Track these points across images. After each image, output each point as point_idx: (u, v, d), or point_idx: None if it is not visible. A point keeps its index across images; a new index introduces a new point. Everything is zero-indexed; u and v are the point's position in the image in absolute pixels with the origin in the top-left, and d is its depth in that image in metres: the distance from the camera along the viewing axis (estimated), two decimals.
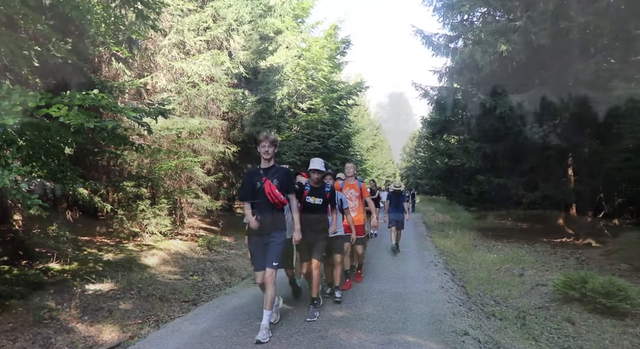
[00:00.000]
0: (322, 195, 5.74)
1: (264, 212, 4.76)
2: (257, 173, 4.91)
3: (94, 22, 6.21)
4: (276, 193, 4.72)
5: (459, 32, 16.03)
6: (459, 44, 16.62)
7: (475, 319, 5.82)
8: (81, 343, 4.90)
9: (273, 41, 14.76)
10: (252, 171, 5.18)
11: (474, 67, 14.58)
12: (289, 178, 5.06)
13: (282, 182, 4.84)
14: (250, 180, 4.94)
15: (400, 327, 5.16)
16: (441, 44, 16.64)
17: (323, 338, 4.71)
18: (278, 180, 4.82)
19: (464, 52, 14.62)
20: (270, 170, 4.90)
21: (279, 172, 4.91)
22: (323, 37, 23.58)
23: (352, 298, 6.50)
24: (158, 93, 10.59)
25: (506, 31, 13.35)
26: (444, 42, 16.62)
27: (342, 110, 23.28)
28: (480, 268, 10.15)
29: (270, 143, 4.88)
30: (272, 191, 4.71)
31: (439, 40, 16.71)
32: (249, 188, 4.89)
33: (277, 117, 15.47)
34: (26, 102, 3.96)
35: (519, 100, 13.06)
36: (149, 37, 10.15)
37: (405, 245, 12.33)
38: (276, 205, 4.79)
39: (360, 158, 31.65)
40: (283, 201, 4.80)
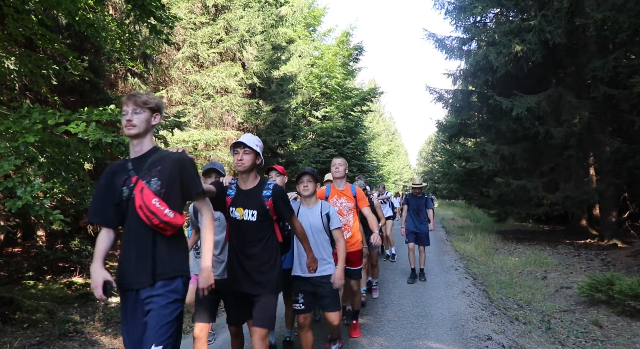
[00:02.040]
0: (256, 203, 3.19)
1: (134, 244, 2.45)
2: (123, 170, 2.53)
3: (109, 39, 6.31)
4: (153, 205, 2.38)
5: (472, 34, 15.92)
6: (472, 46, 16.51)
7: (499, 324, 5.72)
8: None
9: (285, 50, 14.85)
10: (114, 168, 2.59)
11: (489, 68, 14.46)
12: (187, 170, 2.56)
13: (170, 180, 2.48)
14: (108, 184, 2.53)
15: (422, 333, 5.10)
16: (454, 47, 16.56)
17: (344, 345, 4.67)
18: (160, 177, 2.46)
19: (478, 53, 14.50)
20: (147, 161, 2.51)
21: (163, 161, 2.51)
22: (335, 44, 23.70)
23: (373, 305, 6.44)
24: (174, 106, 10.72)
25: (520, 31, 13.23)
26: (457, 45, 16.55)
27: (357, 117, 23.29)
28: (502, 271, 10.00)
29: (140, 105, 2.48)
30: (145, 202, 2.39)
31: (452, 43, 16.64)
32: (108, 200, 2.52)
33: (292, 125, 15.52)
34: (46, 119, 4.05)
35: (536, 100, 12.90)
36: (163, 51, 10.30)
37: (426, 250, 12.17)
38: (158, 229, 2.43)
39: (377, 164, 31.58)
40: (171, 220, 2.40)
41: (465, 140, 21.77)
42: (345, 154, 21.78)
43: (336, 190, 4.95)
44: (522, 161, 14.47)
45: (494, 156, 14.61)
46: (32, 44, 6.78)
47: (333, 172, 4.92)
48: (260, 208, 3.16)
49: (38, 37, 5.82)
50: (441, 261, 10.73)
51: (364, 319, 5.72)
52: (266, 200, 3.16)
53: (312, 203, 3.99)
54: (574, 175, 14.33)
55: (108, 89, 9.30)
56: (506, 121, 14.25)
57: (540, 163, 14.71)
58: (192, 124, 10.53)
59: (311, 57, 20.12)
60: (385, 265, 9.91)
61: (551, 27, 12.46)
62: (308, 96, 20.88)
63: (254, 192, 3.21)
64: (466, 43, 16.51)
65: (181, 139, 9.40)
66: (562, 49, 13.36)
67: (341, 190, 4.94)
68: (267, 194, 3.18)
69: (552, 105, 13.20)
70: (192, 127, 10.46)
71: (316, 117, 21.63)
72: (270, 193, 3.19)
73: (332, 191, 4.93)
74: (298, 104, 18.07)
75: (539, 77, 14.87)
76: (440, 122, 21.10)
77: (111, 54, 7.36)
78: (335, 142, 21.04)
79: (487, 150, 14.81)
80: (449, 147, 25.07)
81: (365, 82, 43.09)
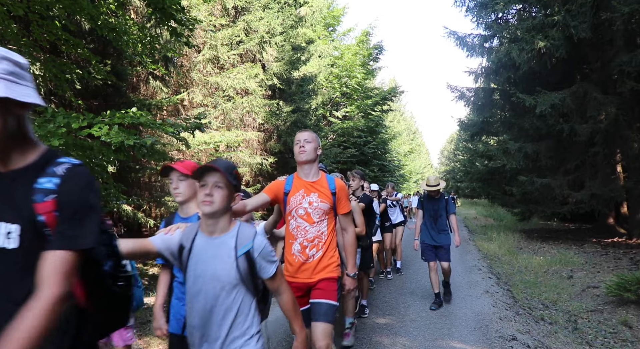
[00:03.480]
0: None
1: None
2: None
3: (130, 43, 6.40)
4: None
5: (493, 31, 15.71)
6: (494, 43, 16.29)
7: (523, 324, 5.62)
8: None
9: (305, 51, 14.86)
10: None
11: (511, 65, 14.23)
12: None
13: None
14: None
15: (445, 333, 5.05)
16: (476, 44, 16.36)
17: (367, 345, 4.65)
18: None
19: (500, 51, 14.30)
20: None
21: None
22: (355, 44, 23.65)
23: (395, 305, 6.40)
24: (195, 108, 10.83)
25: (543, 27, 12.98)
26: (478, 42, 16.33)
27: (378, 116, 23.20)
28: (527, 271, 9.83)
29: None
30: None
31: (474, 40, 16.43)
32: None
33: (313, 126, 15.53)
34: (70, 123, 4.13)
35: (560, 97, 12.65)
36: (184, 54, 10.41)
37: None
38: None
39: (398, 164, 31.40)
40: None
41: (487, 138, 21.50)
42: (366, 154, 21.74)
43: (302, 181, 3.17)
44: (546, 159, 14.22)
45: (517, 154, 14.38)
46: (57, 49, 6.93)
47: (297, 152, 3.17)
48: None
49: (62, 43, 5.93)
50: (464, 260, 10.61)
51: (386, 319, 5.69)
52: None
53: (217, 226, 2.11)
54: (600, 173, 14.00)
55: (130, 92, 9.44)
56: (529, 118, 14.01)
57: (564, 161, 14.41)
58: (213, 126, 10.62)
59: (331, 57, 20.12)
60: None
61: (576, 22, 12.20)
62: (328, 96, 20.88)
63: None
64: (488, 40, 16.29)
65: (202, 141, 9.49)
66: (587, 44, 13.07)
67: (311, 181, 3.16)
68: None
69: (577, 101, 12.92)
70: (213, 129, 10.55)
71: (337, 117, 21.62)
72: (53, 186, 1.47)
73: (295, 184, 3.16)
74: (318, 104, 18.07)
75: (563, 73, 14.58)
76: (462, 120, 20.90)
77: (133, 57, 7.48)
78: (356, 142, 20.99)
79: (510, 148, 14.60)
80: (471, 146, 24.79)
81: (386, 82, 42.90)
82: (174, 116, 10.25)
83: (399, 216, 9.25)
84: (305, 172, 3.15)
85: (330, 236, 3.14)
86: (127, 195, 7.29)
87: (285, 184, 3.17)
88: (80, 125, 4.15)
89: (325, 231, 3.10)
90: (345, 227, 3.25)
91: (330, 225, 3.14)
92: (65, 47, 6.06)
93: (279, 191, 3.14)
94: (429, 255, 6.39)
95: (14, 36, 5.34)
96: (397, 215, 9.22)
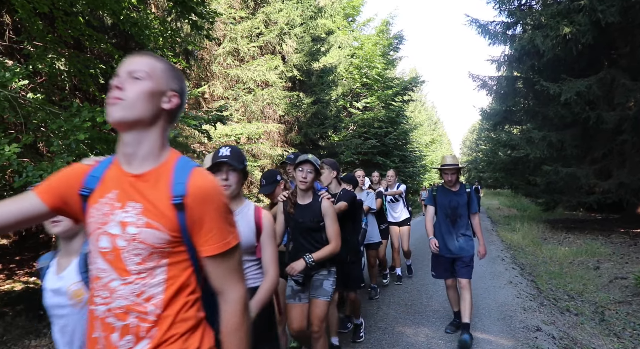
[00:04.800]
0: None
1: None
2: None
3: (152, 37, 6.47)
4: None
5: (516, 17, 15.38)
6: (517, 30, 15.96)
7: (548, 315, 5.55)
8: None
9: (325, 42, 14.81)
10: None
11: (535, 53, 13.94)
12: None
13: None
14: None
15: None
16: (498, 32, 16.05)
17: (390, 336, 4.66)
18: None
19: (523, 38, 14.00)
20: None
21: None
22: (375, 34, 23.49)
23: (418, 296, 6.38)
24: (216, 101, 10.91)
25: (569, 12, 12.66)
26: (501, 30, 16.03)
27: (399, 107, 23.05)
28: (551, 261, 9.69)
29: None
30: None
31: (496, 27, 16.13)
32: None
33: (333, 117, 15.50)
34: (94, 117, 4.20)
35: (586, 84, 12.35)
36: (204, 47, 10.47)
37: None
38: None
39: (420, 154, 31.17)
40: None
41: (510, 128, 21.20)
42: (387, 145, 21.64)
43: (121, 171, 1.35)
44: (571, 148, 13.93)
45: (541, 143, 14.12)
46: (80, 45, 7.04)
47: None
48: None
49: (86, 38, 6.03)
50: (487, 251, 10.50)
51: (409, 309, 5.68)
52: None
53: None
54: (629, 161, 13.66)
55: None
56: (554, 107, 13.73)
57: (591, 150, 14.10)
58: (234, 118, 10.69)
59: (351, 47, 20.01)
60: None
61: (603, 6, 11.85)
62: (348, 87, 20.80)
63: None
64: (510, 27, 15.97)
65: (223, 133, 9.56)
66: (615, 28, 12.69)
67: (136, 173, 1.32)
68: None
69: (604, 88, 12.59)
70: (234, 121, 10.62)
71: (357, 108, 21.54)
72: None
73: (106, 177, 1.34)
74: (338, 95, 18.03)
75: (589, 59, 14.22)
76: (484, 109, 20.66)
77: (154, 51, 7.55)
78: (377, 133, 20.91)
79: (533, 137, 14.34)
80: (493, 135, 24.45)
81: (406, 71, 42.51)
82: (195, 109, 10.34)
83: (403, 213, 7.40)
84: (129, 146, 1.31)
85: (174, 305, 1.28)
86: None
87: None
88: (104, 119, 4.22)
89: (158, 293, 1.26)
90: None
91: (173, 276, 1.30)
92: (89, 42, 6.15)
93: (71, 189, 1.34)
94: (440, 271, 4.84)
95: (39, 33, 5.45)
96: (401, 211, 7.41)
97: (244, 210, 2.40)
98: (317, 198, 3.28)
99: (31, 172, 3.70)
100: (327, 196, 3.36)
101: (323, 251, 3.15)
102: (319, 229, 3.24)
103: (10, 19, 6.86)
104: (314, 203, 3.26)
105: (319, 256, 3.12)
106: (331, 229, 3.24)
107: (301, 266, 3.06)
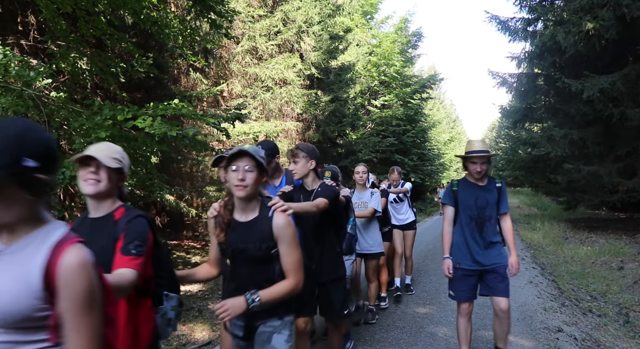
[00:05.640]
0: None
1: None
2: None
3: (172, 36, 6.53)
4: None
5: (537, 13, 15.14)
6: (538, 27, 15.72)
7: (570, 315, 5.46)
8: (175, 341, 5.16)
9: (343, 40, 14.78)
10: None
11: (556, 49, 13.71)
12: None
13: None
14: None
15: (487, 323, 4.95)
16: (518, 28, 15.83)
17: (408, 335, 4.63)
18: None
19: (545, 34, 13.78)
20: None
21: None
22: (393, 31, 23.38)
23: (436, 295, 6.33)
24: (234, 99, 10.97)
25: (592, 7, 12.40)
26: (521, 26, 15.80)
27: (417, 105, 22.91)
28: (573, 261, 9.53)
29: None
30: None
31: (516, 24, 15.91)
32: None
33: (351, 115, 15.48)
34: (115, 115, 4.26)
35: (609, 80, 12.10)
36: (223, 45, 10.54)
37: None
38: None
39: (438, 152, 30.94)
40: None
41: (530, 126, 20.92)
42: (405, 143, 21.53)
43: None
44: (593, 145, 13.67)
45: (562, 141, 13.89)
46: (102, 44, 7.13)
47: None
48: None
49: (107, 37, 6.11)
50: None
51: (427, 308, 5.65)
52: None
53: None
54: None
55: (171, 85, 9.65)
56: (576, 104, 13.49)
57: (614, 148, 13.82)
58: (252, 116, 10.74)
59: (369, 45, 19.94)
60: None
61: (628, 0, 11.59)
62: (366, 85, 20.75)
63: None
64: (531, 24, 15.74)
65: (242, 131, 9.61)
66: None
67: None
68: None
69: (629, 84, 12.32)
70: (252, 119, 10.67)
71: (375, 106, 21.46)
72: None
73: None
74: (357, 93, 17.99)
75: (613, 55, 13.92)
76: (504, 107, 20.41)
77: (174, 50, 7.62)
78: (395, 131, 20.81)
79: (554, 135, 14.12)
80: (513, 133, 24.21)
81: (425, 69, 42.20)
82: (213, 107, 10.41)
83: (409, 215, 6.55)
84: None
85: None
86: (169, 185, 7.47)
87: None
88: (125, 117, 4.28)
89: None
90: None
91: None
92: (110, 41, 6.23)
93: None
94: (463, 291, 3.70)
95: (63, 32, 5.54)
96: (408, 213, 6.55)
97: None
98: (266, 211, 2.15)
99: None
100: (281, 206, 2.16)
101: (276, 288, 2.09)
102: (270, 259, 2.15)
103: (35, 19, 6.99)
104: (261, 220, 2.13)
105: (269, 297, 2.05)
106: (289, 258, 2.13)
107: (240, 308, 1.98)
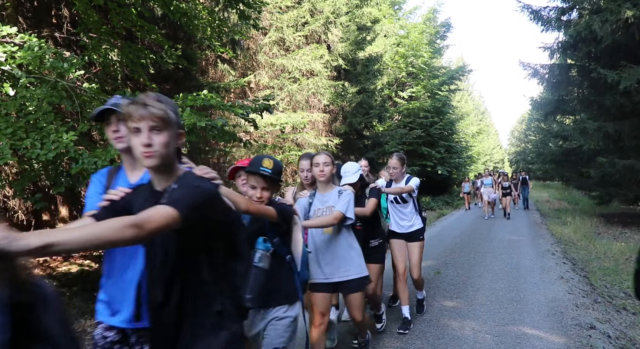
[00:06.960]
0: None
1: None
2: None
3: (200, 27, 6.58)
4: None
5: (572, 2, 14.72)
6: (572, 16, 15.28)
7: (603, 313, 5.33)
8: None
9: (371, 31, 14.65)
10: None
11: (592, 39, 13.30)
12: None
13: None
14: None
15: (517, 318, 4.88)
16: (552, 18, 15.42)
17: (435, 328, 4.60)
18: None
19: (580, 23, 13.39)
20: None
21: None
22: (421, 22, 23.07)
23: (464, 288, 6.27)
24: (261, 90, 11.02)
25: None
26: (555, 15, 15.38)
27: (445, 96, 22.62)
28: (606, 257, 9.29)
29: None
30: None
31: (549, 13, 15.49)
32: None
33: (378, 106, 15.37)
34: None
35: None
36: (251, 36, 10.57)
37: (519, 234, 11.61)
38: None
39: (466, 145, 30.52)
40: None
41: (562, 118, 20.46)
42: (433, 135, 21.30)
43: None
44: (629, 139, 13.26)
45: (595, 134, 13.52)
46: (132, 36, 7.24)
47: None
48: None
49: (137, 29, 6.19)
50: (536, 244, 10.20)
51: (454, 302, 5.59)
52: None
53: None
54: None
55: (200, 76, 9.73)
56: (611, 95, 13.09)
57: None
58: (279, 107, 10.78)
59: (397, 36, 19.76)
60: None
61: None
62: (394, 76, 20.56)
63: None
64: (565, 12, 15.31)
65: (269, 122, 9.66)
66: None
67: None
68: None
69: None
70: (279, 111, 10.71)
71: (402, 98, 21.27)
72: None
73: None
74: (384, 85, 17.85)
75: None
76: (535, 99, 19.99)
77: (202, 41, 7.68)
78: (422, 123, 20.60)
79: (588, 127, 13.74)
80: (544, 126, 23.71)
81: (453, 60, 41.58)
82: (240, 98, 10.48)
83: (414, 221, 4.71)
84: None
85: None
86: None
87: None
88: None
89: None
90: None
91: None
92: (140, 33, 6.32)
93: None
94: None
95: (94, 24, 5.64)
96: (413, 219, 4.72)
97: None
98: None
99: (87, 159, 3.84)
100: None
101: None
102: None
103: (68, 12, 7.13)
104: None
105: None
106: None
107: None
